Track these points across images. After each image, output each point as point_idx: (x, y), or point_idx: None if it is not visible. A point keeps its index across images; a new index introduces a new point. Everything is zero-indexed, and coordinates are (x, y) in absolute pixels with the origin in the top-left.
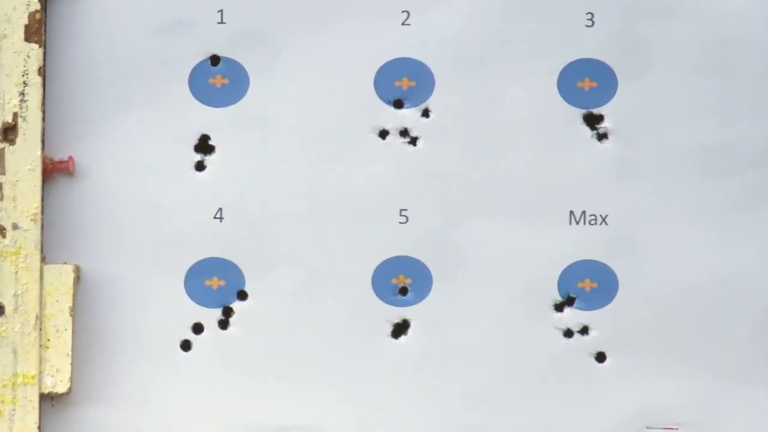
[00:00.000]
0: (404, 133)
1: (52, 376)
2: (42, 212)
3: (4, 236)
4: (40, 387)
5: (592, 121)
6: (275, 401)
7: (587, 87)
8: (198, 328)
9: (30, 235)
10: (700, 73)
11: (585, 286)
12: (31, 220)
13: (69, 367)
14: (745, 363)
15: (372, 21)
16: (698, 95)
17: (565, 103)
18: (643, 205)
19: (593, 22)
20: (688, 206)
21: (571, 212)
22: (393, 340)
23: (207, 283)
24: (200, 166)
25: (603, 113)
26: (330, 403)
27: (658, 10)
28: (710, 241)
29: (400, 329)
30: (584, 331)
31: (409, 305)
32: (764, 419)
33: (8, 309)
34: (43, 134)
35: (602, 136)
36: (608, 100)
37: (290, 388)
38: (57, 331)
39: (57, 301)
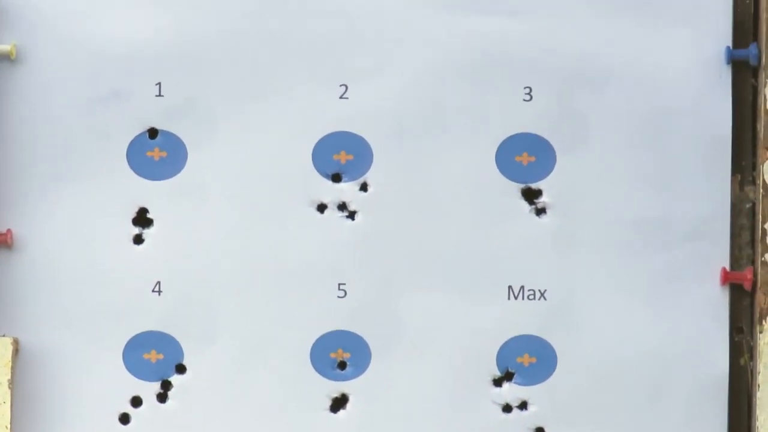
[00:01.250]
0: (342, 207)
1: None
2: None
3: None
4: None
5: (531, 195)
6: None
7: (525, 161)
8: (137, 402)
9: None
10: (635, 145)
11: (524, 361)
12: None
13: None
14: None
15: (310, 94)
16: (634, 167)
17: (503, 177)
18: (581, 278)
19: (531, 96)
20: (626, 279)
21: (510, 287)
22: (332, 414)
23: (146, 356)
24: (138, 239)
25: (541, 188)
26: None
27: (595, 83)
28: (647, 315)
29: (339, 403)
30: (523, 406)
31: (348, 379)
32: None
33: None
34: None
35: (540, 211)
36: (546, 175)
37: None
38: None
39: None
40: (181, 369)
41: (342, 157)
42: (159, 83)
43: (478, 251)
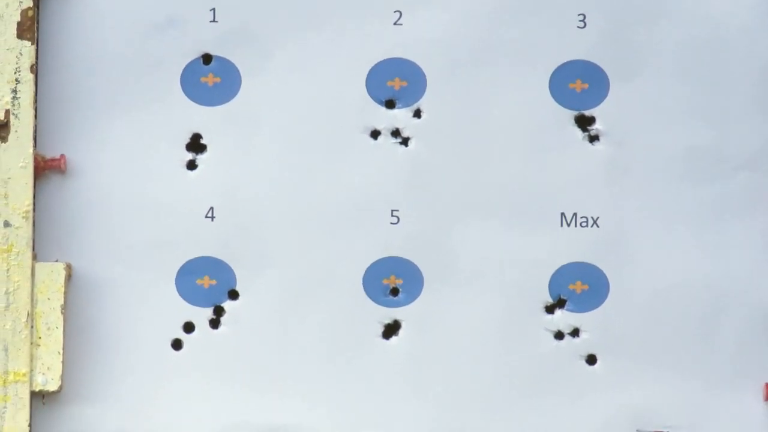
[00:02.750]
0: (396, 133)
1: (43, 373)
2: (33, 210)
3: None
4: (31, 385)
5: (584, 122)
6: (266, 400)
7: (579, 88)
8: (189, 327)
9: (21, 233)
10: (689, 74)
11: (576, 288)
12: (23, 217)
13: (60, 365)
14: (733, 368)
15: (364, 21)
16: (689, 98)
17: (556, 104)
18: (634, 207)
19: (585, 24)
20: (679, 209)
21: (563, 214)
22: (384, 340)
23: (198, 282)
24: (192, 165)
25: (594, 115)
26: (321, 402)
27: (649, 14)
28: (701, 244)
29: (391, 330)
30: (575, 333)
31: (400, 306)
32: (752, 424)
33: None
34: (35, 132)
35: (594, 138)
36: (600, 102)
37: (281, 387)
38: (48, 329)
39: (48, 299)
40: (233, 295)
41: (396, 84)
42: (213, 9)
43: (531, 178)
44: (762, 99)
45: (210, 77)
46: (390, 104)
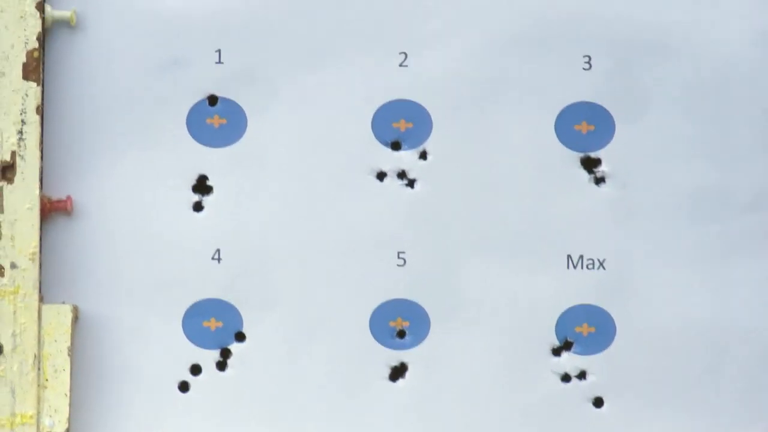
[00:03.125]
0: (402, 175)
1: (50, 416)
2: (40, 251)
3: (2, 275)
4: (38, 427)
5: (590, 164)
6: None
7: (585, 130)
8: (196, 370)
9: (28, 275)
10: (695, 115)
11: (582, 331)
12: (30, 259)
13: (67, 407)
14: (740, 408)
15: (370, 62)
16: (693, 137)
17: (562, 146)
18: (640, 248)
19: (590, 65)
20: (685, 250)
21: (569, 256)
22: (391, 383)
23: (205, 324)
24: (198, 207)
25: (600, 157)
26: None
27: (655, 54)
28: (706, 286)
29: (398, 372)
30: (582, 375)
31: (406, 348)
32: None
33: (6, 348)
34: (41, 173)
35: (600, 180)
36: (606, 144)
37: (288, 430)
38: (55, 371)
39: (55, 340)
40: (240, 337)
41: (402, 125)
42: (219, 50)
43: (537, 220)
44: (767, 139)
45: (216, 119)
46: (396, 146)
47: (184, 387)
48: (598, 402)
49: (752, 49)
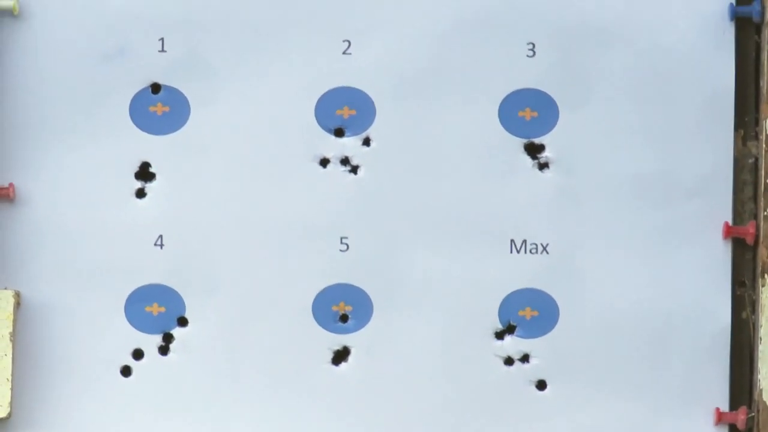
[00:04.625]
0: (345, 161)
1: None
2: None
3: None
4: None
5: (533, 150)
6: (215, 426)
7: (528, 117)
8: (138, 354)
9: None
10: (638, 101)
11: (526, 314)
12: None
13: (9, 392)
14: (684, 392)
15: (313, 50)
16: (637, 123)
17: (506, 132)
18: (583, 233)
19: (534, 52)
20: (628, 235)
21: (512, 241)
22: (333, 367)
23: (147, 309)
24: (141, 194)
25: (544, 143)
26: (270, 429)
27: (598, 43)
28: (650, 270)
29: (340, 356)
30: (525, 359)
31: (349, 332)
32: None
33: None
34: None
35: (543, 166)
36: (549, 130)
37: (230, 414)
38: None
39: None
40: (182, 322)
41: (345, 112)
42: (162, 39)
43: (481, 205)
44: (710, 126)
45: (159, 106)
46: (339, 133)
47: (126, 371)
48: (541, 385)
49: (695, 36)
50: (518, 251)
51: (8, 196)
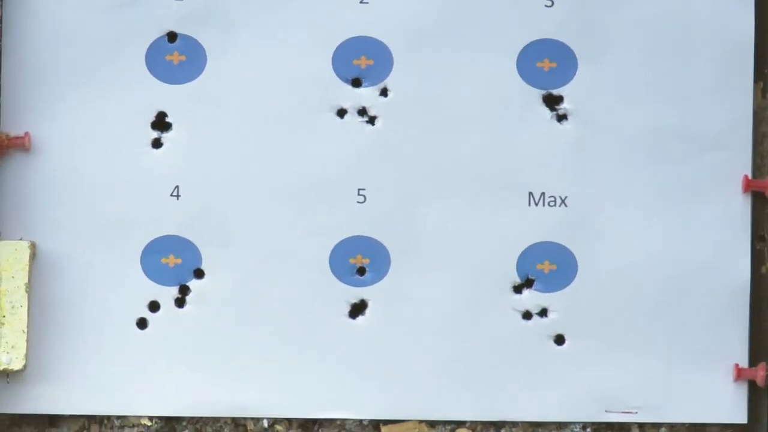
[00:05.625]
0: (362, 112)
1: (8, 352)
2: None
3: None
4: None
5: (552, 101)
6: (230, 380)
7: (547, 67)
8: (154, 306)
9: None
10: (657, 53)
11: (544, 268)
12: None
13: (24, 343)
14: (703, 347)
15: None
16: (656, 75)
17: (524, 83)
18: (602, 187)
19: (552, 3)
20: (647, 188)
21: (530, 194)
22: (350, 320)
23: (163, 261)
24: (157, 144)
25: (562, 94)
26: (286, 381)
27: None
28: (669, 224)
29: (357, 309)
30: (543, 313)
31: (366, 285)
32: (721, 404)
33: None
34: None
35: (562, 117)
36: (568, 81)
37: (245, 367)
38: (12, 307)
39: (12, 277)
40: (199, 274)
41: (362, 62)
42: None
43: (499, 157)
44: (728, 79)
45: (175, 55)
46: (356, 83)
47: (142, 324)
48: (559, 339)
49: None
50: (536, 204)
51: (24, 145)
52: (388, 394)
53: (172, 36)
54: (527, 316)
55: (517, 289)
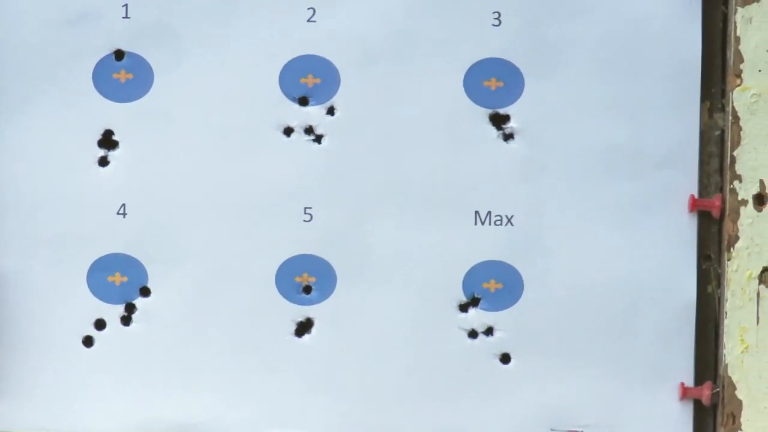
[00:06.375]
0: (309, 130)
1: None
2: None
3: None
4: None
5: (498, 121)
6: (177, 398)
7: (494, 86)
8: (100, 324)
9: None
10: (604, 72)
11: (490, 287)
12: None
13: None
14: (649, 366)
15: (278, 17)
16: (603, 94)
17: (471, 102)
18: (548, 205)
19: (500, 22)
20: (594, 207)
21: (477, 212)
22: (296, 338)
23: (110, 279)
24: (104, 162)
25: (509, 113)
26: (233, 400)
27: (565, 11)
28: (615, 242)
29: (303, 328)
30: (489, 331)
31: (313, 304)
32: (668, 423)
33: None
34: None
35: (508, 137)
36: (515, 100)
37: (192, 385)
38: None
39: None
40: (145, 292)
41: (309, 81)
42: (126, 4)
43: (445, 176)
44: (679, 97)
45: (122, 73)
46: (303, 101)
47: (88, 342)
48: (505, 358)
49: (661, 6)
50: (483, 223)
51: None
52: (336, 412)
53: (119, 54)
54: (473, 334)
55: (463, 308)
